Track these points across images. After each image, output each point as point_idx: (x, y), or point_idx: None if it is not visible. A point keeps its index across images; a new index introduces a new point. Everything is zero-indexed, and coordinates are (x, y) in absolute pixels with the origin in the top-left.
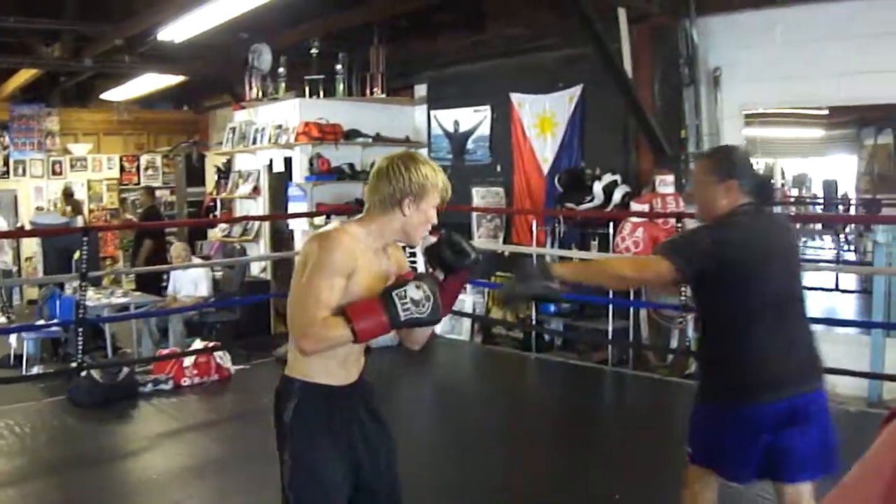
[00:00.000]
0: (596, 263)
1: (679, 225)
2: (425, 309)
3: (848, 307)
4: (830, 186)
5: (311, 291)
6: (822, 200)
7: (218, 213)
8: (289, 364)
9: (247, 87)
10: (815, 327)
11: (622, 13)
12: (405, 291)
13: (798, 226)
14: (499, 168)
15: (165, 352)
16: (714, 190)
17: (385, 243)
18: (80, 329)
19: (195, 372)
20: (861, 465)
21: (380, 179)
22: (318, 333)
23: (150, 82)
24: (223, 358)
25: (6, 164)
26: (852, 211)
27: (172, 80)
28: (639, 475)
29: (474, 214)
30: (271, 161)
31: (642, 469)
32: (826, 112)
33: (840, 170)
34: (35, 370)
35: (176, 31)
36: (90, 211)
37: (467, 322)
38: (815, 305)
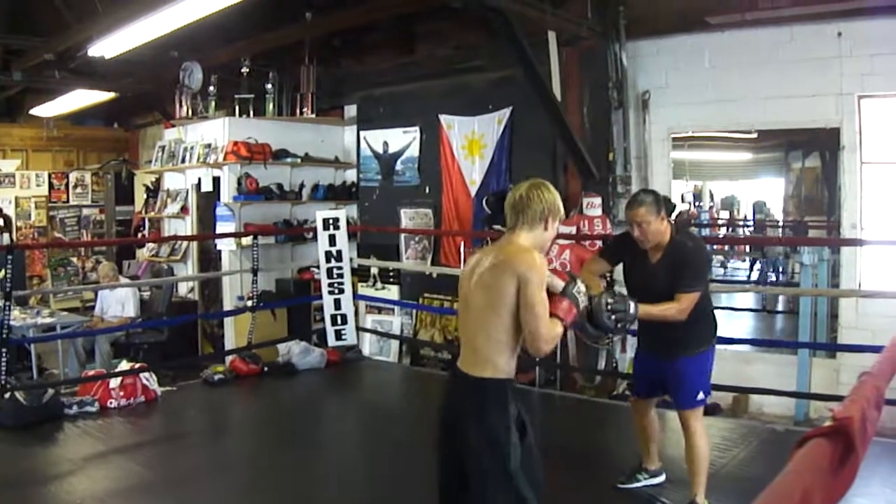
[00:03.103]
0: (661, 310)
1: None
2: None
3: (775, 328)
4: (759, 208)
5: (543, 304)
6: (751, 223)
7: (146, 232)
8: (498, 368)
9: (177, 106)
10: (743, 348)
11: (552, 36)
12: (578, 289)
13: (727, 248)
14: (427, 189)
15: (91, 373)
16: (657, 224)
17: None
18: (5, 349)
19: (121, 394)
20: (771, 490)
21: (531, 199)
22: (553, 333)
23: (81, 98)
24: (150, 379)
25: None
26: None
27: (103, 96)
28: (567, 496)
29: (402, 236)
30: (200, 180)
31: (570, 489)
32: (754, 135)
33: (768, 192)
34: None
35: (106, 47)
36: (17, 229)
37: (395, 343)
38: (743, 326)
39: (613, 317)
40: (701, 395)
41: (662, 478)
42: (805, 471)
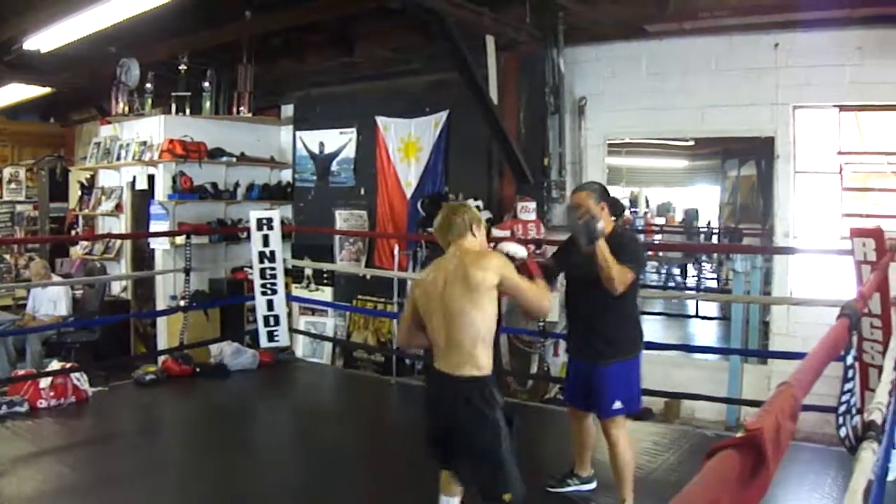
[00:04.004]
0: (613, 263)
1: (539, 251)
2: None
3: (708, 334)
4: (691, 215)
5: (524, 283)
6: (685, 228)
7: (80, 229)
8: (481, 366)
9: (113, 102)
10: (675, 353)
11: (490, 40)
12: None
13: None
14: (362, 191)
15: (21, 372)
16: (595, 211)
17: None
18: None
19: (52, 394)
20: (677, 501)
21: (452, 218)
22: (543, 293)
23: (16, 92)
24: (80, 379)
25: None
26: (714, 240)
27: (39, 91)
28: None
29: (337, 237)
30: (135, 178)
31: None
32: (691, 143)
33: (704, 200)
34: None
35: (42, 40)
36: None
37: (328, 346)
38: (675, 332)
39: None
40: (618, 405)
41: (593, 485)
42: (712, 483)
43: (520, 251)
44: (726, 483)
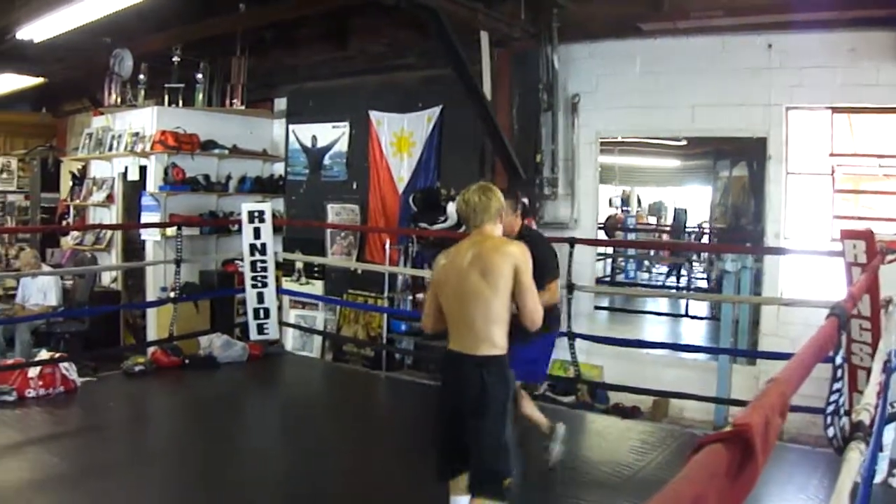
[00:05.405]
0: (545, 295)
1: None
2: None
3: (697, 333)
4: (681, 215)
5: (534, 287)
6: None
7: (71, 220)
8: (496, 345)
9: (106, 93)
10: (665, 353)
11: (484, 36)
12: None
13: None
14: (355, 185)
15: (10, 362)
16: (511, 218)
17: None
18: None
19: (40, 383)
20: (661, 496)
21: (489, 200)
22: (541, 308)
23: (8, 82)
24: (69, 369)
25: None
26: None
27: (31, 81)
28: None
29: (328, 231)
30: (126, 169)
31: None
32: (684, 143)
33: (696, 200)
34: None
35: (35, 30)
36: None
37: (318, 339)
38: (663, 331)
39: None
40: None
41: (561, 430)
42: (698, 477)
43: None
44: (714, 477)
